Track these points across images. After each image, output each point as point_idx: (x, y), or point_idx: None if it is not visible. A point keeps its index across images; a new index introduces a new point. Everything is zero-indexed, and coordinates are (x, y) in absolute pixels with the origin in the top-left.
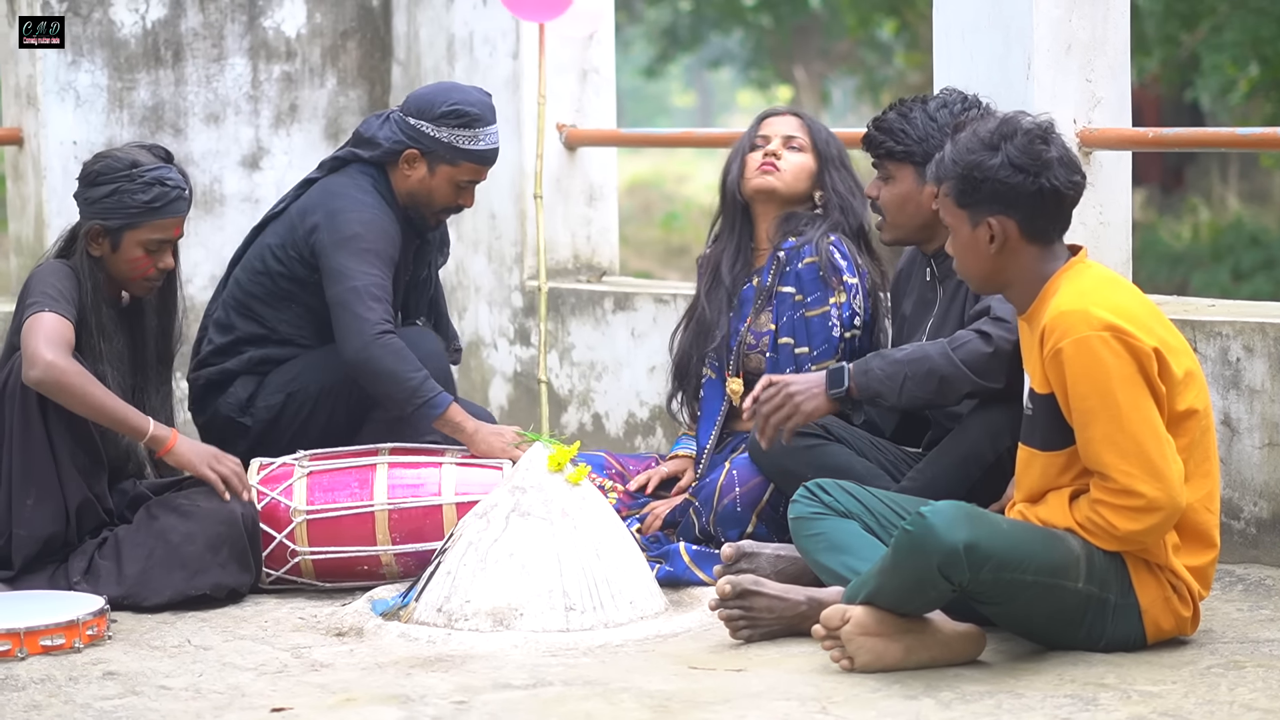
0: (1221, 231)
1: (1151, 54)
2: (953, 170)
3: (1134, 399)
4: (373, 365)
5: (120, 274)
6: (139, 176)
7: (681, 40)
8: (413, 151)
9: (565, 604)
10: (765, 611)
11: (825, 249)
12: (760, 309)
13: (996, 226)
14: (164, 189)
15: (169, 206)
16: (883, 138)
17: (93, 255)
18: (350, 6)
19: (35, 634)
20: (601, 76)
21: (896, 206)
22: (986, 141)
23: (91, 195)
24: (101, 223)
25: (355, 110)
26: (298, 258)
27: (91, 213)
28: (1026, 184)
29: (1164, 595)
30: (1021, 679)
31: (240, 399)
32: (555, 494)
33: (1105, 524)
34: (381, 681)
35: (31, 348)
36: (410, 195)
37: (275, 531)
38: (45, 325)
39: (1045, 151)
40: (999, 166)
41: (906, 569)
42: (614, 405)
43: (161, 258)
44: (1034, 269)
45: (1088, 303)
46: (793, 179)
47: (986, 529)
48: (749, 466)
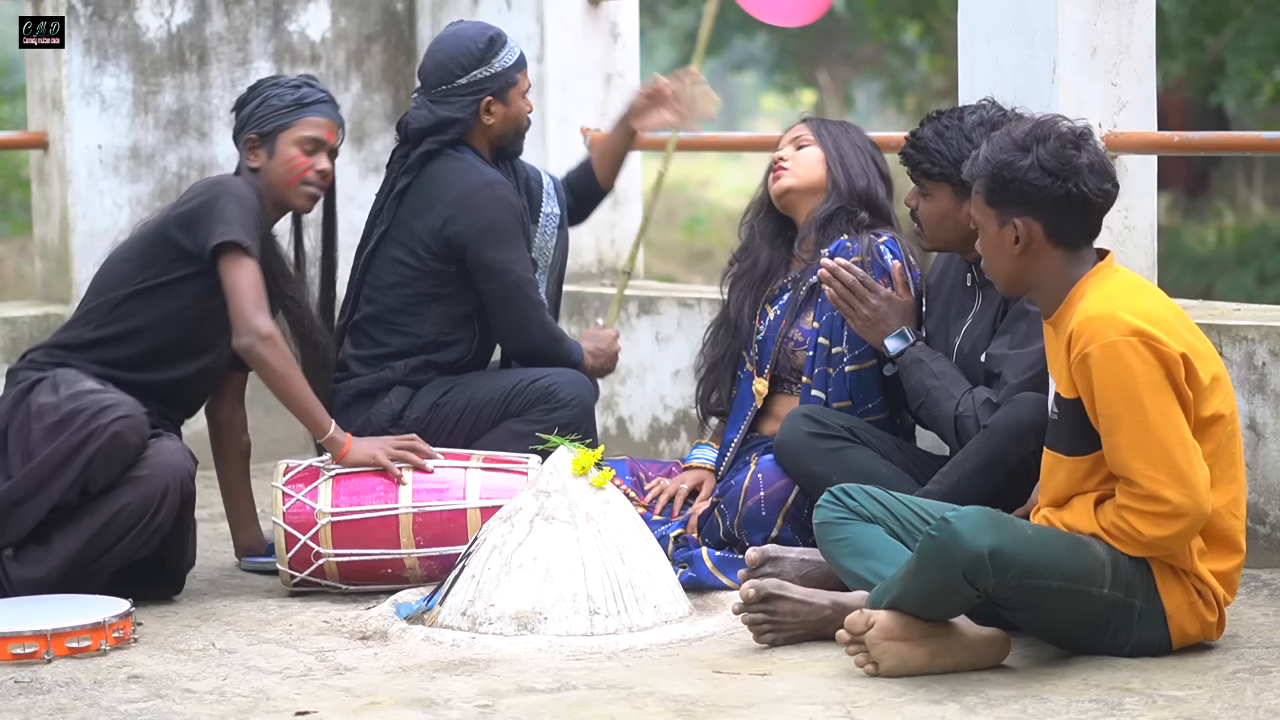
0: (1247, 235)
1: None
2: (984, 169)
3: (1161, 405)
4: (549, 350)
5: (280, 181)
6: (284, 82)
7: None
8: (488, 98)
9: (589, 608)
10: (789, 616)
11: (873, 249)
12: (802, 307)
13: (1022, 228)
14: (310, 89)
15: (317, 105)
16: (919, 157)
17: (252, 167)
18: (375, 10)
19: (62, 636)
20: (626, 80)
21: (935, 222)
22: (1019, 142)
23: (243, 115)
24: (256, 131)
25: (380, 114)
26: (436, 255)
27: (246, 129)
28: (1054, 188)
29: (1189, 600)
30: (1046, 683)
31: (394, 410)
32: (579, 498)
33: (1131, 530)
34: (406, 685)
35: (241, 311)
36: (500, 136)
37: (300, 534)
38: (252, 281)
39: (1076, 157)
40: (1028, 168)
41: (931, 574)
42: (638, 409)
43: (318, 159)
44: (1059, 273)
45: (1115, 307)
46: (804, 170)
47: (1011, 534)
48: (774, 469)
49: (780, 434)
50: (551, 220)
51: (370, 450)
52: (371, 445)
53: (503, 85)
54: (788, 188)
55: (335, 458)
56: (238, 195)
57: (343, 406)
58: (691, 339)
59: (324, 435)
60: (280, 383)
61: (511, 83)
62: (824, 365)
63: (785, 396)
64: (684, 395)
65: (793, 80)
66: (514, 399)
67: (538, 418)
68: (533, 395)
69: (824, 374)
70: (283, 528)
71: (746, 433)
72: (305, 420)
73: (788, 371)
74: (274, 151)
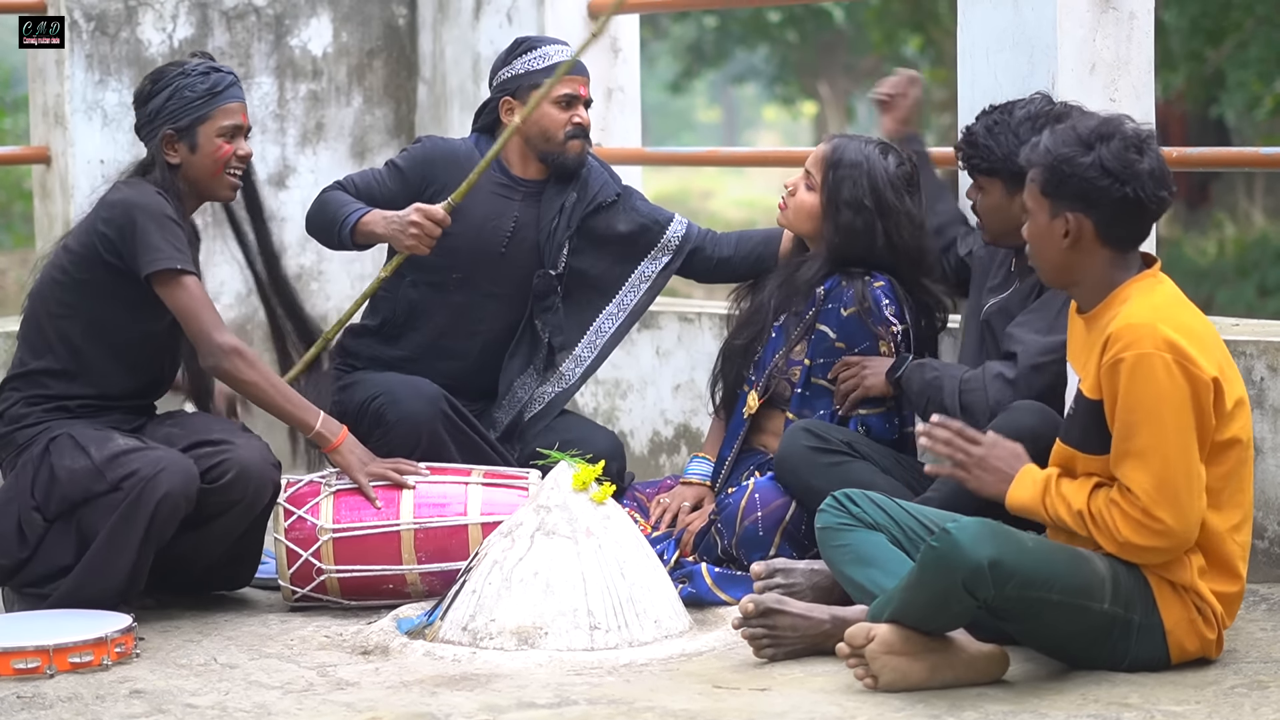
0: (1247, 247)
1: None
2: (1044, 158)
3: (1179, 426)
4: None
5: (205, 174)
6: (191, 71)
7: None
8: (505, 99)
9: (590, 623)
10: (789, 630)
11: (869, 295)
12: (796, 340)
13: (1073, 222)
14: (219, 75)
15: (229, 91)
16: (971, 153)
17: (172, 164)
18: (376, 25)
19: (64, 651)
20: (626, 95)
21: (990, 215)
22: (1084, 139)
23: (152, 109)
24: (173, 126)
25: (381, 129)
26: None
27: (158, 125)
28: (1112, 189)
29: (1189, 617)
30: (1045, 699)
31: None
32: (580, 513)
33: (1113, 526)
34: (407, 700)
35: (198, 331)
36: (526, 138)
37: (302, 550)
38: (198, 299)
39: (1138, 161)
40: (1089, 166)
41: (931, 584)
42: (639, 424)
43: (239, 144)
44: (1104, 273)
45: (1157, 318)
46: (794, 218)
47: (1012, 546)
48: (771, 488)
49: (780, 448)
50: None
51: (351, 465)
52: (354, 459)
53: (524, 85)
54: (782, 225)
55: (324, 449)
56: (153, 214)
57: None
58: (692, 354)
59: (310, 432)
60: (253, 392)
61: (535, 84)
62: (825, 407)
63: (776, 411)
64: (684, 410)
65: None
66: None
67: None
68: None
69: (828, 416)
70: (284, 544)
71: (740, 447)
72: (289, 422)
73: (779, 399)
74: (195, 145)
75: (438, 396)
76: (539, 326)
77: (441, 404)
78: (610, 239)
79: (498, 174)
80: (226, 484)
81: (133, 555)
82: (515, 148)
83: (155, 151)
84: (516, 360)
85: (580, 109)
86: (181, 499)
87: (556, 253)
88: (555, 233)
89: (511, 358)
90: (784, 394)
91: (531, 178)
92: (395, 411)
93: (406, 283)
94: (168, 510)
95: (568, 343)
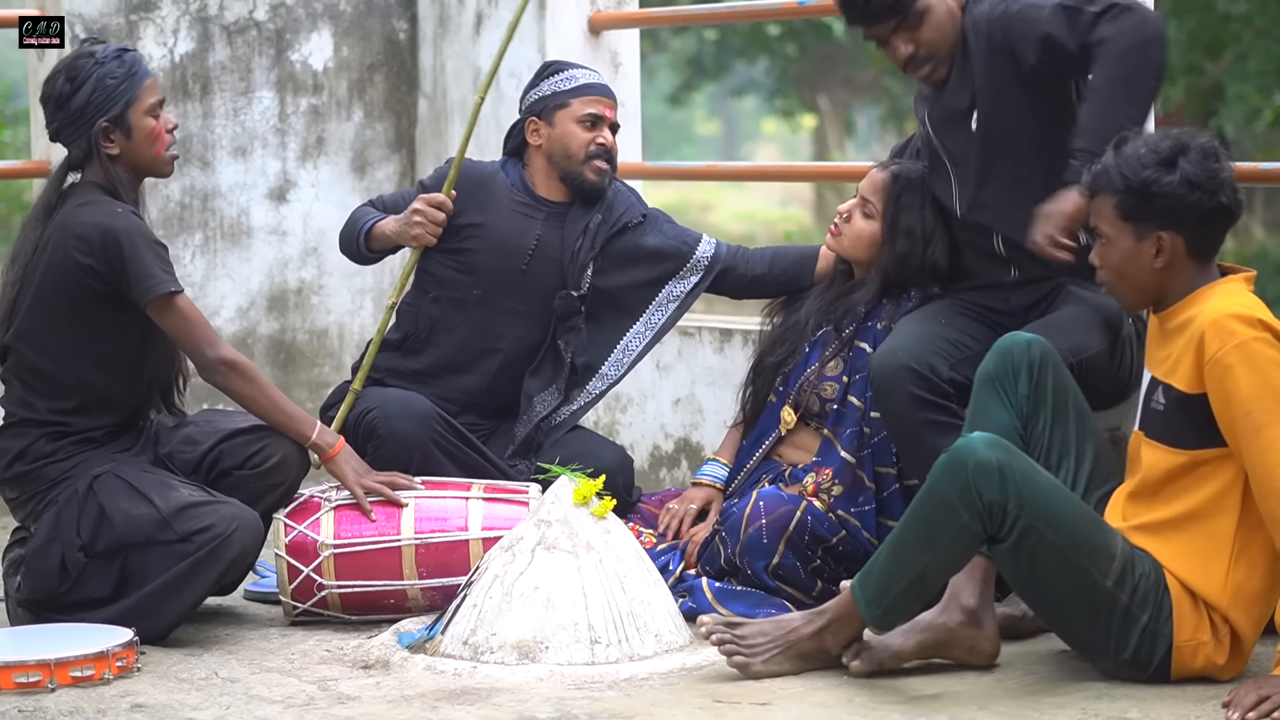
0: (1246, 260)
1: (1176, 83)
2: (1121, 183)
3: None
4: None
5: (147, 156)
6: (105, 59)
7: (706, 69)
8: (532, 119)
9: (590, 637)
10: (758, 636)
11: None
12: (830, 356)
13: (1166, 241)
14: (128, 54)
15: (143, 69)
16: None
17: (112, 155)
18: (377, 40)
19: (66, 665)
20: (627, 110)
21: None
22: (1164, 158)
23: (78, 106)
24: (106, 118)
25: (381, 143)
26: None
27: (88, 119)
28: (1202, 201)
29: (1200, 640)
30: (1045, 712)
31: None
32: (580, 528)
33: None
34: (407, 714)
35: (193, 348)
36: (549, 157)
37: (303, 565)
38: (190, 316)
39: (1220, 171)
40: (1177, 183)
41: (935, 494)
42: (639, 438)
43: (167, 119)
44: (1188, 284)
45: (1241, 307)
46: (850, 245)
47: (1025, 464)
48: (775, 496)
49: (879, 381)
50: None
51: (346, 476)
52: (350, 470)
53: (550, 105)
54: (833, 250)
55: (320, 459)
56: (136, 237)
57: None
58: (692, 368)
59: (307, 441)
60: (251, 403)
61: (560, 104)
62: (856, 425)
63: (800, 425)
64: (684, 424)
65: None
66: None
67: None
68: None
69: (856, 434)
70: (285, 559)
71: (764, 457)
72: (286, 432)
73: (810, 414)
74: (130, 131)
75: (430, 415)
76: (562, 346)
77: (433, 422)
78: (636, 260)
79: (520, 193)
80: (270, 468)
81: (191, 603)
82: (539, 167)
83: (89, 148)
84: (538, 378)
85: (605, 130)
86: (253, 555)
87: (580, 273)
88: (579, 253)
89: (533, 375)
90: (813, 409)
91: (555, 199)
92: (386, 427)
93: (429, 298)
94: (241, 568)
95: (593, 362)
